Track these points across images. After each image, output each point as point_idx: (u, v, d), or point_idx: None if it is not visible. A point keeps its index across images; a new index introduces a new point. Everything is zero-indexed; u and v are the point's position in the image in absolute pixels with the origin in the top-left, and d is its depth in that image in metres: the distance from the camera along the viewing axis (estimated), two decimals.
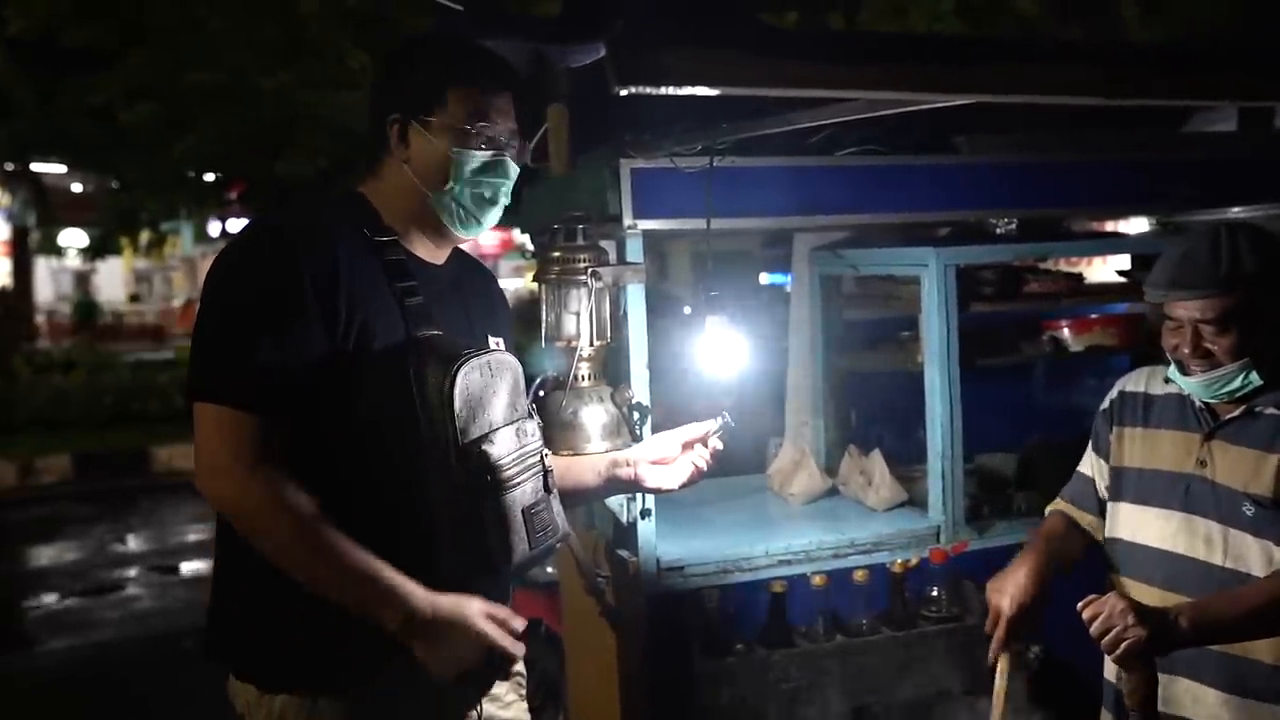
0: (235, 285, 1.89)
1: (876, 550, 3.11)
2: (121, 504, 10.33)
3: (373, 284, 1.93)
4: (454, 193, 2.03)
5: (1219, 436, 2.27)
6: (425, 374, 1.88)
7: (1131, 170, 3.45)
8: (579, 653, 3.65)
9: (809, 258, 3.72)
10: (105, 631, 6.91)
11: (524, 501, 1.96)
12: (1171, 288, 2.20)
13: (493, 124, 2.04)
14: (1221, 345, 2.18)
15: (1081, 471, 2.58)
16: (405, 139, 2.02)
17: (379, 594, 1.83)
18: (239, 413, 1.81)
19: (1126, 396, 2.48)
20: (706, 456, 2.41)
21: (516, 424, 1.99)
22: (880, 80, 1.79)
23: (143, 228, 16.47)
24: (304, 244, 1.89)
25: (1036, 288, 3.48)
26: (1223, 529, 2.24)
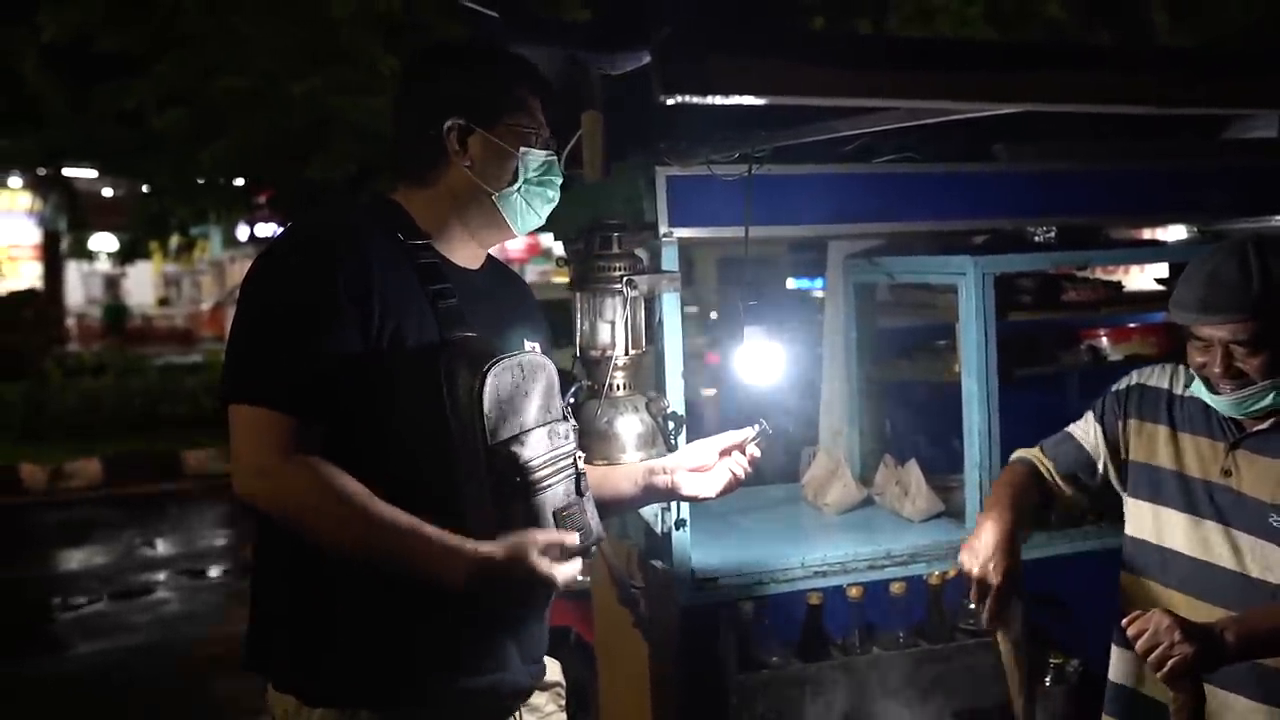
0: (270, 289, 1.91)
1: (913, 562, 3.08)
2: (151, 508, 10.40)
3: (405, 287, 1.94)
4: (521, 191, 2.09)
5: (1245, 446, 2.26)
6: (456, 374, 1.88)
7: (1170, 178, 3.41)
8: (611, 662, 3.63)
9: (843, 265, 3.69)
10: (134, 636, 6.95)
11: (555, 503, 1.96)
12: (1203, 311, 2.16)
13: (542, 124, 2.13)
14: (1253, 365, 2.15)
15: (1072, 434, 2.54)
16: (464, 144, 2.04)
17: (440, 552, 1.82)
18: (275, 414, 1.82)
19: (1146, 390, 2.45)
20: (744, 464, 2.40)
21: (549, 426, 1.99)
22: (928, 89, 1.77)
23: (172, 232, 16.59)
24: (337, 247, 1.90)
25: (1075, 296, 3.45)
26: (1251, 539, 2.22)
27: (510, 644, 2.05)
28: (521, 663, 2.08)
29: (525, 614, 2.07)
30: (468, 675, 1.97)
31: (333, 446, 1.86)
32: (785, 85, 1.72)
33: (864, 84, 1.72)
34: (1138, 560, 2.43)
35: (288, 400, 1.82)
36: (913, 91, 1.77)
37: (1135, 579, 2.43)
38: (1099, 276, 3.81)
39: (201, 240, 19.92)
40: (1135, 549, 2.43)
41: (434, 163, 2.06)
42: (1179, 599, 2.29)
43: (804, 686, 2.83)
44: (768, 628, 2.94)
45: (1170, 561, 2.35)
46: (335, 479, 1.81)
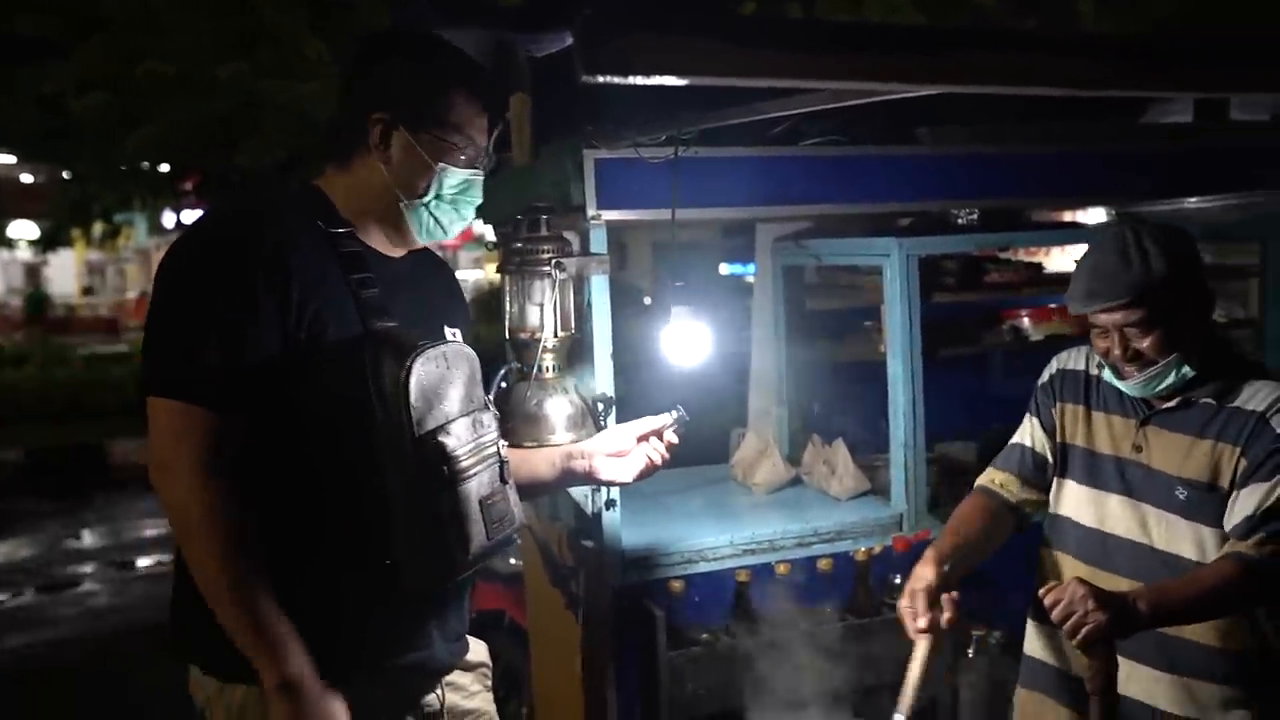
0: (187, 278, 1.88)
1: (840, 539, 3.14)
2: (76, 499, 10.20)
3: (326, 276, 1.92)
4: (430, 205, 2.04)
5: (1154, 422, 2.32)
6: (381, 365, 1.86)
7: (1090, 161, 3.48)
8: (543, 644, 3.64)
9: (771, 248, 3.73)
10: (61, 628, 6.82)
11: (480, 492, 1.95)
12: (1089, 299, 2.22)
13: (475, 144, 2.04)
14: (1148, 344, 2.21)
15: (1015, 442, 2.58)
16: (387, 140, 1.99)
17: (269, 647, 1.81)
18: (192, 408, 1.80)
19: (1066, 374, 2.51)
20: (662, 450, 2.41)
21: (473, 415, 1.98)
22: (851, 70, 1.79)
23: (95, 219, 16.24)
24: (255, 236, 1.87)
25: (997, 277, 3.52)
26: (1157, 512, 2.29)
27: (431, 624, 2.06)
28: (442, 641, 2.09)
29: (445, 595, 2.08)
30: (389, 654, 1.98)
31: (255, 438, 1.85)
32: (705, 66, 1.73)
33: (783, 65, 1.74)
34: (1054, 536, 2.49)
35: (206, 395, 1.81)
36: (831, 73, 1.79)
37: (1049, 553, 2.50)
38: (1020, 258, 3.89)
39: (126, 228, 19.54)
40: (1052, 525, 2.50)
41: (354, 150, 2.02)
42: (1086, 571, 2.36)
43: (734, 662, 2.87)
44: (698, 605, 2.98)
45: (1083, 536, 2.42)
46: (228, 526, 1.79)
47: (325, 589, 1.89)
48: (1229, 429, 2.22)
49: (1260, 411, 2.20)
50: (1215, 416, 2.24)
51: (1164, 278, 2.18)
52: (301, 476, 1.89)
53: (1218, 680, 2.26)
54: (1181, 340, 2.22)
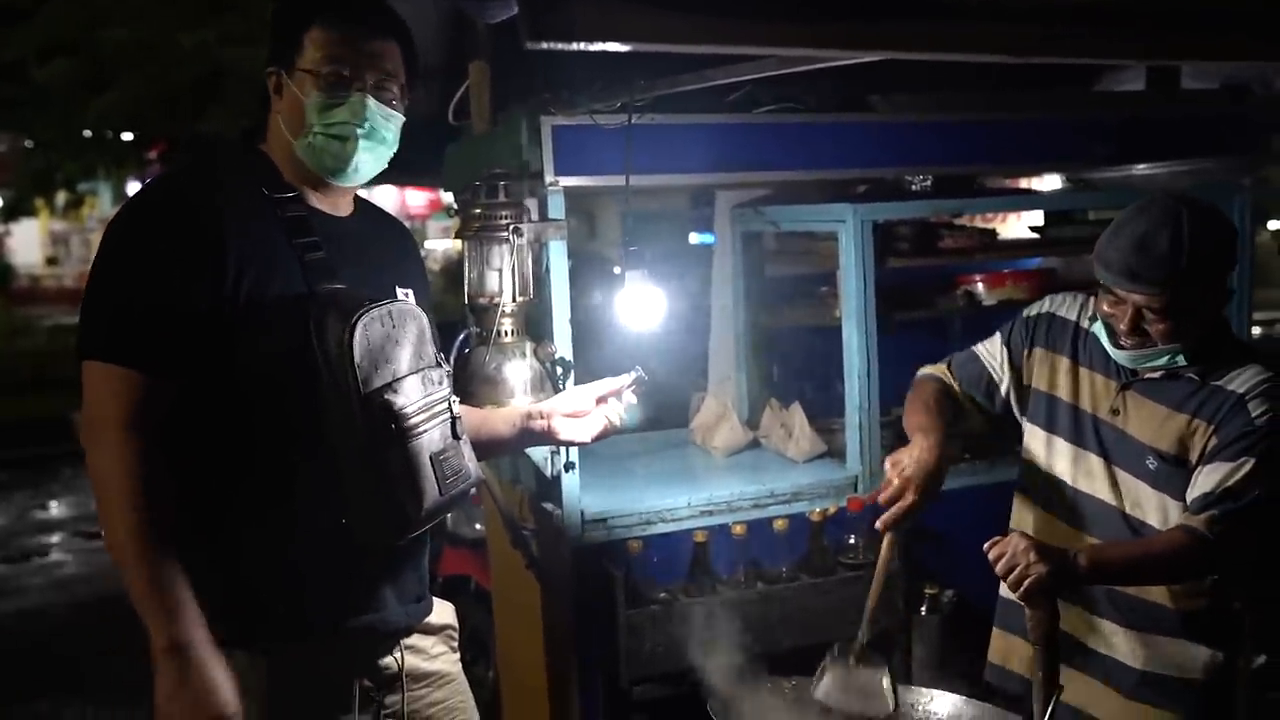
0: (121, 243, 1.90)
1: (796, 500, 3.19)
2: (43, 471, 10.16)
3: (267, 240, 1.94)
4: (312, 140, 2.02)
5: (1135, 389, 2.34)
6: (325, 326, 1.88)
7: (1044, 128, 3.52)
8: (506, 606, 3.70)
9: (730, 215, 3.77)
10: (29, 598, 6.85)
11: (431, 448, 1.98)
12: (1129, 279, 2.18)
13: (346, 65, 2.00)
14: (1159, 330, 2.21)
15: (978, 354, 2.59)
16: (280, 91, 2.03)
17: (162, 609, 1.82)
18: (119, 369, 1.84)
19: (1055, 320, 2.50)
20: (620, 410, 2.44)
21: (422, 373, 2.00)
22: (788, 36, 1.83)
23: (59, 188, 16.08)
24: (192, 200, 1.90)
25: (951, 243, 3.56)
26: (1125, 476, 2.33)
27: (384, 585, 2.08)
28: (398, 603, 2.12)
29: (398, 554, 2.10)
30: (341, 616, 2.00)
31: (198, 402, 1.88)
32: (648, 32, 1.76)
33: (725, 32, 1.77)
34: (1027, 481, 2.53)
35: (131, 356, 1.84)
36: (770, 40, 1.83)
37: (1025, 501, 2.53)
38: (975, 225, 3.93)
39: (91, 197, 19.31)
40: (1026, 470, 2.53)
41: (268, 111, 2.07)
42: (1060, 527, 2.42)
43: (691, 621, 2.92)
44: (656, 565, 3.03)
45: (1055, 488, 2.45)
46: (150, 481, 1.82)
47: (273, 551, 1.92)
48: (1207, 406, 2.23)
49: (1240, 393, 2.21)
50: (1196, 392, 2.26)
51: (1204, 272, 2.17)
52: (246, 439, 1.91)
53: (1174, 634, 2.32)
54: (1189, 332, 2.23)
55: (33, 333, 15.07)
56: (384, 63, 2.05)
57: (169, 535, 1.84)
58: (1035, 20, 2.28)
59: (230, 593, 1.92)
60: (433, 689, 2.24)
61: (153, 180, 2.04)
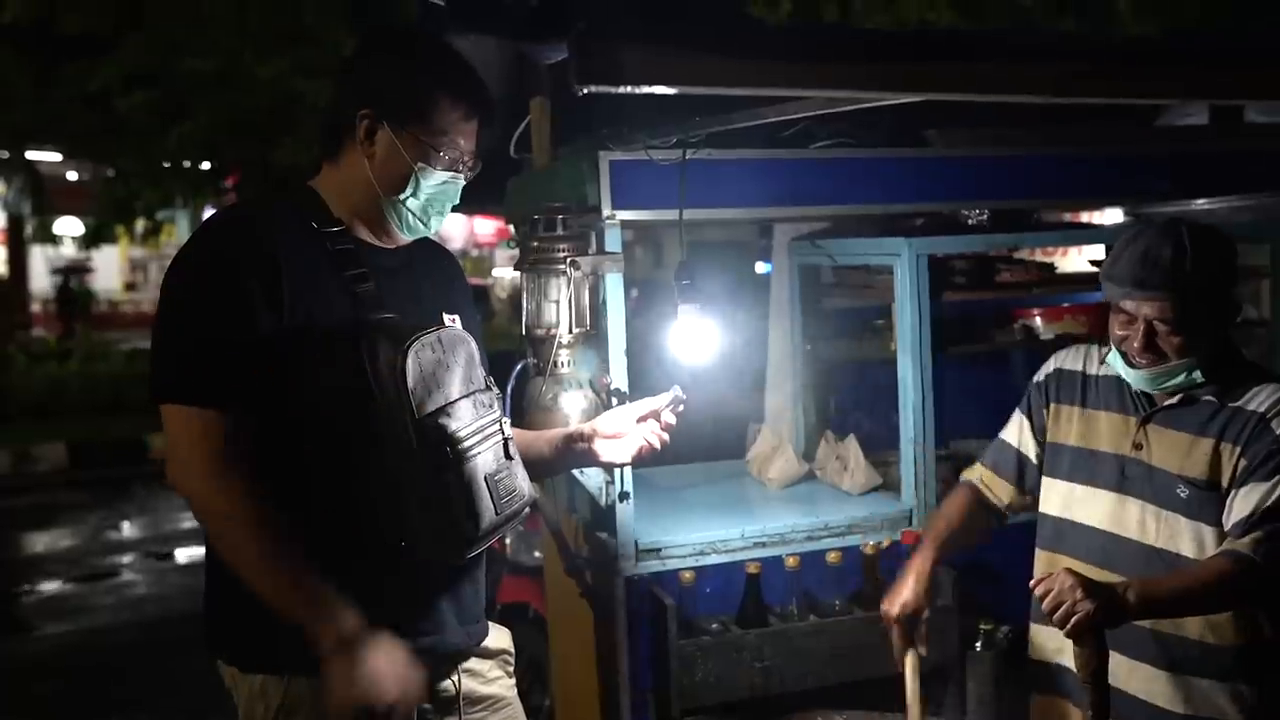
0: (183, 284, 1.97)
1: (850, 533, 3.19)
2: (117, 492, 10.41)
3: (319, 274, 2.00)
4: (406, 203, 2.10)
5: (1155, 420, 2.35)
6: (377, 354, 1.94)
7: (1102, 163, 3.51)
8: (561, 634, 3.73)
9: (788, 248, 3.80)
10: (100, 617, 6.99)
11: (486, 469, 2.03)
12: (1137, 287, 2.23)
13: (458, 146, 2.09)
14: (1173, 344, 2.24)
15: (1005, 440, 2.64)
16: (373, 137, 2.06)
17: (318, 612, 1.89)
18: (201, 410, 1.89)
19: (1064, 374, 2.55)
20: (659, 430, 2.45)
21: (473, 396, 2.05)
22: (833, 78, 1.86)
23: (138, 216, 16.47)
24: (245, 241, 1.95)
25: (1009, 277, 3.55)
26: (1157, 510, 2.32)
27: (445, 606, 2.13)
28: (458, 624, 2.16)
29: (458, 575, 2.15)
30: (405, 638, 2.02)
31: (262, 434, 1.94)
32: (693, 76, 1.81)
33: (769, 75, 1.81)
34: (1050, 536, 2.53)
35: (209, 396, 1.90)
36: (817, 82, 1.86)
37: (1048, 555, 2.53)
38: (1035, 258, 3.92)
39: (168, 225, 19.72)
40: (1048, 526, 2.53)
41: (344, 145, 2.10)
42: (1091, 571, 2.39)
43: (742, 653, 2.93)
44: (708, 596, 3.05)
45: (1081, 534, 2.45)
46: (254, 513, 1.88)
47: (334, 576, 1.94)
48: (1230, 429, 2.24)
49: (1261, 412, 2.23)
50: (1216, 415, 2.27)
51: (1211, 282, 2.21)
52: (303, 466, 1.97)
53: (1214, 676, 2.29)
54: (1201, 345, 2.25)
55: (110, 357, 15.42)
56: (473, 143, 2.13)
57: (293, 545, 1.90)
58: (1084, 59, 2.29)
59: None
60: (489, 713, 2.27)
61: (207, 222, 2.10)
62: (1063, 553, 2.48)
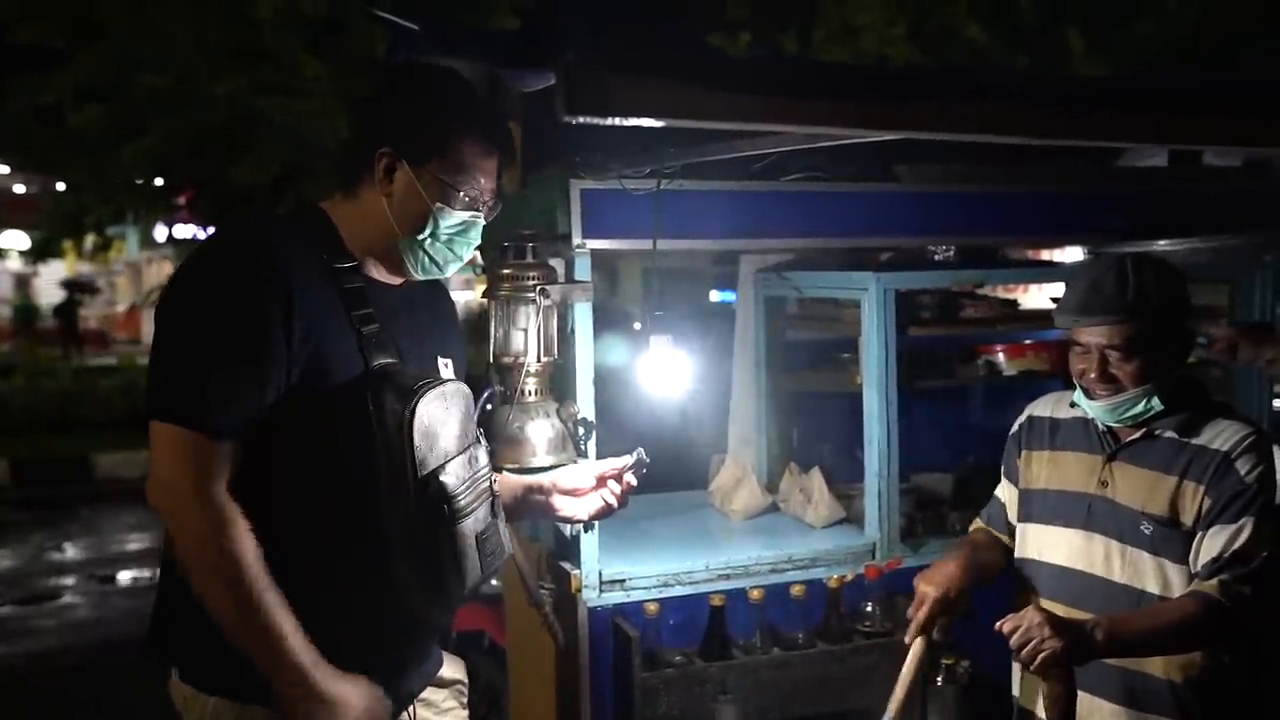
0: (196, 305, 1.90)
1: (814, 566, 3.19)
2: (61, 512, 10.20)
3: (329, 311, 1.95)
4: (425, 244, 2.06)
5: (1120, 458, 2.38)
6: (384, 405, 1.90)
7: (1066, 201, 3.57)
8: (521, 664, 3.69)
9: (754, 279, 3.81)
10: (42, 640, 6.84)
11: (476, 528, 2.01)
12: (1081, 313, 2.29)
13: (478, 185, 2.06)
14: (1126, 371, 2.28)
15: (996, 495, 2.68)
16: (391, 175, 2.01)
17: (282, 659, 1.85)
18: (197, 436, 1.83)
19: (1035, 421, 2.58)
20: (619, 491, 2.45)
21: (468, 452, 2.03)
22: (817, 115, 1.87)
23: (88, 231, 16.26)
24: (263, 269, 1.88)
25: (973, 313, 3.59)
26: (1121, 546, 2.34)
27: (412, 654, 2.12)
28: (416, 667, 2.16)
29: (432, 627, 2.14)
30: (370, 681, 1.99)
31: (256, 470, 1.89)
32: (681, 109, 1.81)
33: (755, 109, 1.82)
34: (1024, 578, 2.54)
35: (210, 424, 1.84)
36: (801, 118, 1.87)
37: (1022, 597, 2.54)
38: (998, 295, 3.96)
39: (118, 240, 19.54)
40: (1022, 567, 2.55)
41: (360, 180, 2.05)
42: (1060, 610, 2.40)
43: (705, 685, 2.92)
44: (672, 628, 3.04)
45: (1050, 574, 2.47)
46: (236, 546, 1.83)
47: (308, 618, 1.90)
48: (1194, 467, 2.27)
49: (1225, 451, 2.25)
50: (1180, 453, 2.30)
51: (1156, 306, 2.25)
52: (300, 509, 1.93)
53: (1174, 715, 2.30)
54: (1157, 372, 2.28)
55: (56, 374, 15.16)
56: (494, 181, 2.10)
57: (269, 583, 1.84)
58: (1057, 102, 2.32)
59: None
60: None
61: (221, 241, 2.05)
62: (1032, 591, 2.49)
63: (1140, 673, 2.32)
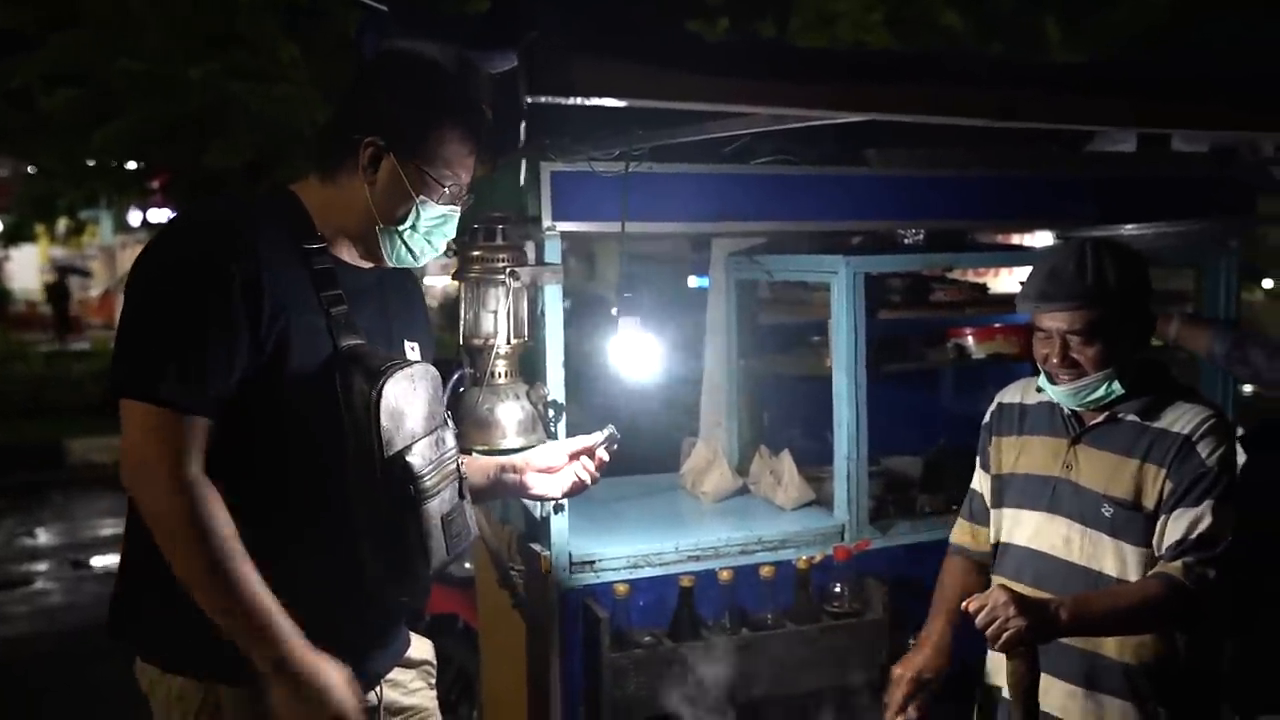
0: (165, 281, 1.88)
1: (783, 547, 3.21)
2: (33, 497, 10.14)
3: (298, 290, 1.95)
4: (404, 234, 2.07)
5: (1084, 441, 2.42)
6: (351, 384, 1.91)
7: (1035, 186, 3.59)
8: (492, 646, 3.70)
9: (725, 263, 3.82)
10: (14, 626, 6.81)
11: (442, 510, 2.02)
12: (1041, 300, 2.33)
13: (459, 180, 2.08)
14: (1087, 355, 2.31)
15: (973, 488, 2.71)
16: (376, 165, 2.02)
17: (261, 634, 1.85)
18: (168, 412, 1.82)
19: (1004, 408, 2.62)
20: (592, 468, 2.48)
21: (435, 433, 2.04)
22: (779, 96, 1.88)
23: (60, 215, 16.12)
24: (232, 246, 1.88)
25: (942, 296, 3.61)
26: (1082, 528, 2.38)
27: (379, 634, 2.14)
28: (383, 648, 2.17)
29: (399, 608, 2.16)
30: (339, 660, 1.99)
31: (225, 447, 1.88)
32: (642, 89, 1.82)
33: (717, 90, 1.83)
34: (996, 562, 2.58)
35: (179, 400, 1.83)
36: (764, 99, 1.88)
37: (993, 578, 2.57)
38: (967, 279, 3.99)
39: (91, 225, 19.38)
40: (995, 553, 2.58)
41: (342, 166, 2.05)
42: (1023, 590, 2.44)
43: (674, 665, 2.94)
44: (641, 609, 3.05)
45: (1015, 555, 2.51)
46: (211, 522, 1.82)
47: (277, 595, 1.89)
48: (1155, 450, 2.30)
49: (1186, 434, 2.29)
50: (1142, 436, 2.33)
51: (1115, 291, 2.28)
52: (270, 491, 1.93)
53: (1128, 696, 2.35)
54: (1118, 356, 2.31)
55: (28, 359, 15.06)
56: (470, 174, 2.12)
57: (245, 558, 1.84)
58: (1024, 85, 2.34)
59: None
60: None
61: (190, 219, 2.04)
62: (1001, 574, 2.53)
63: (1095, 653, 2.36)
